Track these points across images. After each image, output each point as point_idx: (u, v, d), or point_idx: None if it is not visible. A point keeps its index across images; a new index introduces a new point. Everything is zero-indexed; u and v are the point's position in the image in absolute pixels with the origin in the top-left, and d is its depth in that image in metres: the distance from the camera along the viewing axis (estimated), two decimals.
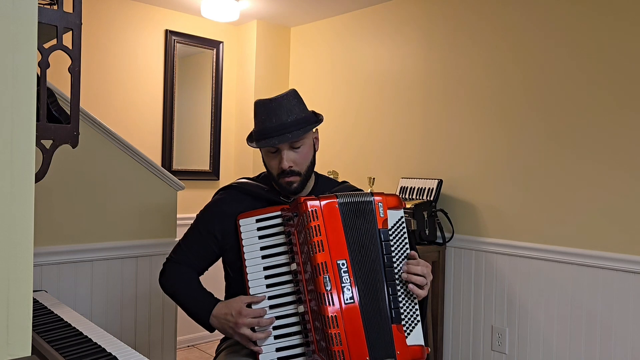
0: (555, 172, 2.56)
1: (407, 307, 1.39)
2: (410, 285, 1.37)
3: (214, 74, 3.83)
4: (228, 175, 3.94)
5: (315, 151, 1.55)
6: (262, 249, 1.42)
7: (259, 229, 1.44)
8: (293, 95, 1.50)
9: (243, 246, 1.43)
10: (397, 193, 3.06)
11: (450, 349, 2.95)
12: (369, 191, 1.48)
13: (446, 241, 2.90)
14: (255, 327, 1.38)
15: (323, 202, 1.37)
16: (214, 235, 1.54)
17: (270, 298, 1.40)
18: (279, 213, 1.43)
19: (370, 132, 3.39)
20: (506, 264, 2.73)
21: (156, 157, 3.57)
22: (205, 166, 3.83)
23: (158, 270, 2.39)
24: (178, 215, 2.49)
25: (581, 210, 2.47)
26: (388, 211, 1.41)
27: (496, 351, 2.76)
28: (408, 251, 1.42)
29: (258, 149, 1.53)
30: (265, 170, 1.60)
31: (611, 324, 2.38)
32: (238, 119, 3.96)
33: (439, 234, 2.89)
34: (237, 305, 1.40)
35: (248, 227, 1.44)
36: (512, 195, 2.71)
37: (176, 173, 3.51)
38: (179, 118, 3.68)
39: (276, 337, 1.37)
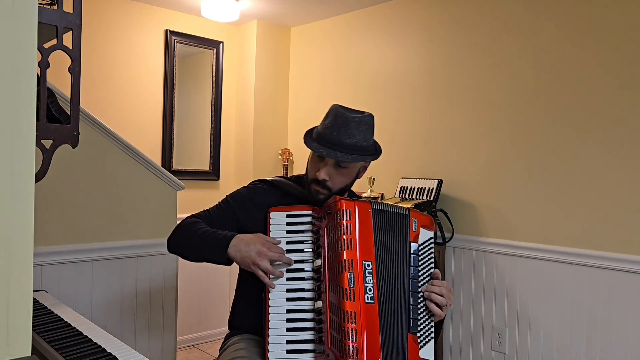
0: (556, 172, 2.56)
1: (424, 321, 1.43)
2: (429, 303, 1.41)
3: (214, 74, 3.83)
4: (228, 175, 3.95)
5: (356, 178, 1.59)
6: (288, 243, 1.45)
7: (288, 223, 1.47)
8: (366, 121, 1.49)
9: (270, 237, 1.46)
10: (397, 193, 3.06)
11: (450, 349, 2.95)
12: (402, 206, 1.52)
13: (446, 241, 2.90)
14: (273, 264, 1.41)
15: (357, 203, 1.40)
16: (236, 216, 1.58)
17: (288, 291, 1.41)
18: (309, 212, 1.47)
19: None
20: (506, 264, 2.73)
21: (156, 157, 3.58)
22: (205, 166, 3.83)
23: (158, 270, 2.40)
24: (178, 215, 2.49)
25: (581, 210, 2.47)
26: (420, 228, 1.47)
27: (496, 351, 2.76)
28: (432, 270, 1.47)
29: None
30: (300, 173, 1.66)
31: (611, 324, 2.38)
32: (238, 119, 3.96)
33: (439, 234, 2.89)
34: (259, 238, 1.42)
35: (278, 220, 1.48)
36: (512, 195, 2.71)
37: (176, 173, 3.51)
38: (179, 118, 3.68)
39: (288, 330, 1.38)
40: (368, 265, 1.36)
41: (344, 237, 1.35)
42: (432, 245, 1.49)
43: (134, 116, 3.49)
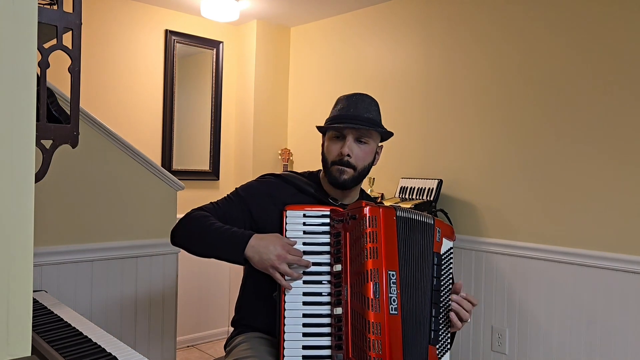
0: (556, 172, 2.56)
1: (444, 332, 1.42)
2: (453, 316, 1.40)
3: (214, 74, 3.83)
4: (228, 175, 3.95)
5: (374, 160, 1.57)
6: (304, 244, 1.41)
7: (305, 224, 1.43)
8: (376, 102, 1.55)
9: (286, 237, 1.42)
10: (397, 193, 3.06)
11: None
12: (427, 214, 1.51)
13: None
14: (291, 266, 1.38)
15: (382, 210, 1.36)
16: (249, 210, 1.53)
17: (305, 294, 1.38)
18: (327, 212, 1.43)
19: None
20: (506, 264, 2.72)
21: (156, 157, 3.58)
22: (205, 166, 3.83)
23: (158, 271, 2.40)
24: (178, 215, 2.49)
25: (581, 210, 2.47)
26: (443, 239, 1.46)
27: (496, 351, 2.76)
28: (452, 280, 1.46)
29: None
30: (316, 168, 1.63)
31: (611, 324, 2.38)
32: (238, 119, 3.96)
33: None
34: (279, 240, 1.39)
35: (294, 219, 1.43)
36: (512, 195, 2.71)
37: (176, 173, 3.51)
38: (179, 118, 3.68)
39: (305, 335, 1.36)
40: (392, 276, 1.33)
41: (370, 245, 1.32)
42: (452, 255, 1.48)
43: (134, 116, 3.49)
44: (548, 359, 2.58)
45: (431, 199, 2.88)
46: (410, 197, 2.99)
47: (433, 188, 2.90)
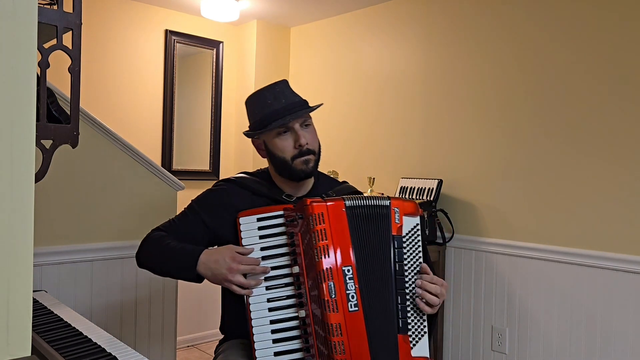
0: (556, 172, 2.56)
1: (415, 318, 1.35)
2: (419, 301, 1.32)
3: (214, 74, 3.83)
4: (228, 175, 3.93)
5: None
6: (262, 249, 1.39)
7: (260, 228, 1.40)
8: (284, 83, 1.53)
9: (243, 245, 1.40)
10: (397, 193, 3.06)
11: (450, 349, 2.95)
12: (381, 196, 1.44)
13: (446, 241, 2.90)
14: (247, 275, 1.36)
15: (329, 204, 1.32)
16: (204, 223, 1.51)
17: (269, 300, 1.36)
18: (281, 213, 1.40)
19: (370, 132, 3.39)
20: (506, 264, 2.72)
21: (156, 157, 3.57)
22: (205, 166, 3.83)
23: None
24: None
25: (581, 210, 2.47)
26: (404, 217, 1.36)
27: (496, 351, 2.76)
28: (421, 260, 1.37)
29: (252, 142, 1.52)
30: (266, 165, 1.58)
31: (611, 324, 2.38)
32: (238, 119, 3.96)
33: (439, 234, 2.89)
34: (228, 252, 1.37)
35: (249, 225, 1.41)
36: (512, 195, 2.71)
37: (176, 173, 3.50)
38: (179, 118, 3.68)
39: (274, 341, 1.34)
40: (348, 271, 1.29)
41: (320, 244, 1.29)
42: (419, 232, 1.38)
43: (134, 116, 3.49)
44: (548, 359, 2.58)
45: (431, 199, 2.88)
46: (410, 197, 2.99)
47: (433, 188, 2.90)
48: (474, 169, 2.86)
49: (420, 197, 2.94)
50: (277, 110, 1.45)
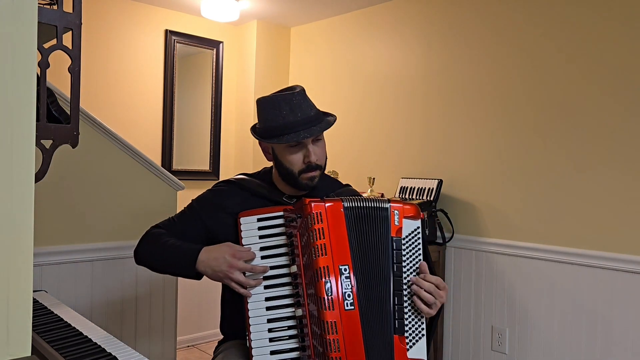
0: (556, 171, 2.56)
1: (413, 320, 1.35)
2: (416, 300, 1.33)
3: (214, 74, 3.83)
4: (228, 175, 3.94)
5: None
6: (262, 249, 1.40)
7: (260, 228, 1.41)
8: (300, 93, 1.47)
9: (243, 245, 1.41)
10: (397, 193, 3.06)
11: (450, 349, 2.95)
12: (381, 198, 1.45)
13: (446, 241, 2.90)
14: (246, 273, 1.36)
15: (328, 205, 1.33)
16: (203, 222, 1.52)
17: (267, 299, 1.37)
18: (281, 213, 1.41)
19: (370, 132, 3.39)
20: (506, 264, 2.72)
21: (156, 157, 3.57)
22: (205, 166, 3.83)
23: None
24: None
25: (581, 210, 2.47)
26: (404, 220, 1.37)
27: (496, 351, 2.76)
28: (420, 263, 1.38)
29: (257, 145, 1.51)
30: (270, 165, 1.59)
31: (611, 324, 2.38)
32: (238, 119, 3.96)
33: (439, 234, 2.89)
34: (229, 250, 1.38)
35: (249, 225, 1.42)
36: (512, 195, 2.71)
37: (176, 173, 3.51)
38: (179, 118, 3.68)
39: (271, 340, 1.35)
40: (345, 270, 1.30)
41: (318, 242, 1.30)
42: (419, 235, 1.39)
43: (134, 116, 3.49)
44: (548, 359, 2.58)
45: (431, 199, 2.88)
46: (411, 197, 2.99)
47: (433, 188, 2.90)
48: (474, 169, 2.86)
49: (420, 197, 2.94)
50: (292, 123, 1.42)
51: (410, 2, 3.21)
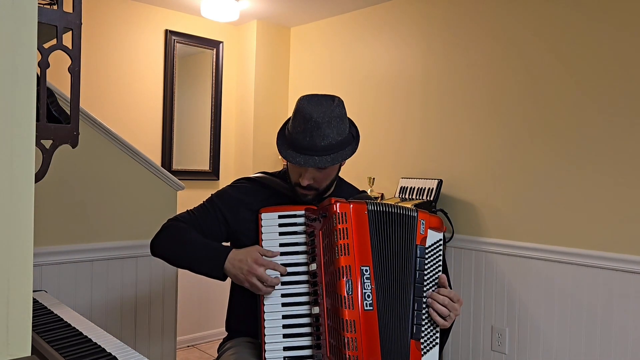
0: (555, 172, 2.56)
1: (429, 328, 1.38)
2: (431, 311, 1.36)
3: (214, 74, 3.83)
4: (228, 175, 3.94)
5: (339, 168, 1.53)
6: (281, 245, 1.40)
7: (280, 225, 1.42)
8: (337, 114, 1.39)
9: (262, 240, 1.41)
10: (397, 193, 3.06)
11: (450, 349, 2.95)
12: (408, 207, 1.47)
13: (446, 241, 2.90)
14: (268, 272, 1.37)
15: (353, 205, 1.35)
16: (224, 217, 1.52)
17: (283, 296, 1.37)
18: (302, 212, 1.41)
19: (370, 132, 3.39)
20: (506, 264, 2.73)
21: (156, 157, 3.57)
22: (205, 166, 3.83)
23: (158, 271, 2.40)
24: None
25: (581, 210, 2.47)
26: (429, 230, 1.41)
27: (496, 351, 2.76)
28: (439, 274, 1.41)
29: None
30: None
31: (611, 324, 2.38)
32: (238, 119, 3.96)
33: None
34: (252, 254, 1.37)
35: (270, 221, 1.42)
36: (512, 195, 2.71)
37: (176, 173, 3.51)
38: (179, 118, 3.68)
39: (285, 336, 1.35)
40: (366, 271, 1.32)
41: (341, 242, 1.32)
42: (441, 247, 1.43)
43: (134, 116, 3.49)
44: (548, 359, 2.58)
45: (431, 199, 2.88)
46: (410, 197, 2.99)
47: (433, 188, 2.90)
48: (474, 169, 2.86)
49: (420, 197, 2.94)
50: (298, 145, 1.40)
51: (409, 3, 3.21)
